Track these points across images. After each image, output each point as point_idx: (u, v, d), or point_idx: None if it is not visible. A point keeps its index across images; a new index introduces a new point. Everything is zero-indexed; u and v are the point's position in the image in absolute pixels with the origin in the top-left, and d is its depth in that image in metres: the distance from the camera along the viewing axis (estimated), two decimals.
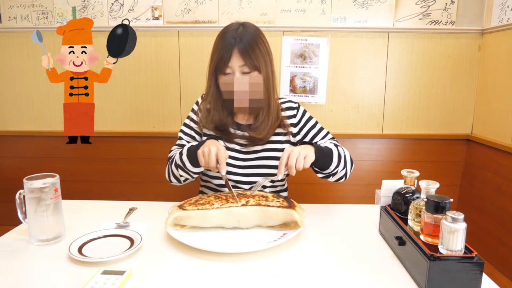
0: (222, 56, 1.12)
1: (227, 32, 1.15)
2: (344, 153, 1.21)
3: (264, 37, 1.19)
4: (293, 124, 1.29)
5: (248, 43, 1.12)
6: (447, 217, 0.71)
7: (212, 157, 1.05)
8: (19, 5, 2.07)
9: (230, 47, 1.12)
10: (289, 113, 1.30)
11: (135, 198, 1.33)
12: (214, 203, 1.01)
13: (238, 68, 1.13)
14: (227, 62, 1.12)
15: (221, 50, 1.13)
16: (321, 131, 1.30)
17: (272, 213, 0.99)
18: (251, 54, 1.12)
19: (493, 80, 1.99)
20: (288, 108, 1.30)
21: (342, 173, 1.20)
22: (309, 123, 1.30)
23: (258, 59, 1.13)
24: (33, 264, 0.86)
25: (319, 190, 2.24)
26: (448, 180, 2.22)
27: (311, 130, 1.29)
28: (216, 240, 0.95)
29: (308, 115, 1.33)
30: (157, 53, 2.11)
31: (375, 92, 2.14)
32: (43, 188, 0.92)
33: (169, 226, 0.97)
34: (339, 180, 1.24)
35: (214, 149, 1.06)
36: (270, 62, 1.18)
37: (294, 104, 1.32)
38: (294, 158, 1.03)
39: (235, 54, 1.12)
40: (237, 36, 1.12)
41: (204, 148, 1.08)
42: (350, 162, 1.24)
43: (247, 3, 2.04)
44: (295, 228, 0.98)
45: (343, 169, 1.20)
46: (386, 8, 2.05)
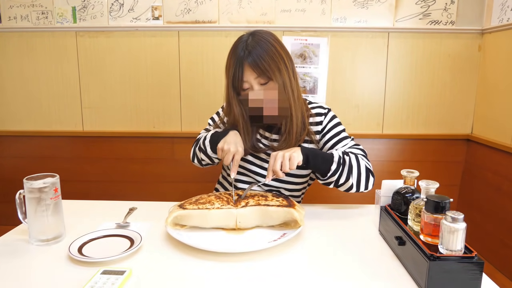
0: (235, 72, 1.10)
1: (237, 45, 1.12)
2: (358, 164, 1.10)
3: (278, 42, 1.13)
4: (318, 131, 1.23)
5: (257, 53, 1.08)
6: (447, 217, 0.71)
7: (229, 156, 1.09)
8: (19, 5, 2.07)
9: (241, 60, 1.09)
10: (317, 119, 1.23)
11: (135, 198, 1.33)
12: (215, 203, 1.01)
13: (254, 81, 1.10)
14: (242, 76, 1.10)
15: (233, 66, 1.10)
16: (343, 141, 1.20)
17: (272, 212, 0.99)
18: (260, 65, 1.07)
19: (493, 80, 1.99)
20: (317, 114, 1.24)
21: (347, 184, 1.10)
22: (333, 130, 1.21)
23: (270, 69, 1.08)
24: (33, 264, 0.86)
25: (319, 191, 2.23)
26: (448, 180, 2.22)
27: (332, 139, 1.20)
28: (216, 240, 0.95)
29: (336, 121, 1.24)
30: (157, 53, 2.11)
31: (375, 92, 2.14)
32: (43, 188, 0.92)
33: (169, 225, 0.97)
34: (349, 191, 1.13)
35: (233, 149, 1.09)
36: (286, 69, 1.11)
37: (323, 110, 1.24)
38: (278, 162, 1.02)
39: (246, 67, 1.09)
40: (245, 49, 1.09)
41: (225, 144, 1.10)
42: (366, 176, 1.11)
43: (247, 3, 2.04)
44: (295, 228, 0.98)
45: (348, 180, 1.09)
46: (386, 8, 2.05)
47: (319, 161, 1.07)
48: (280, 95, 1.11)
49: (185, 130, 2.18)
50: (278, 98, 1.11)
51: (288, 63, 1.13)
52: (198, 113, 2.17)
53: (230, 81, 1.13)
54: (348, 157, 1.10)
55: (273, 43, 1.11)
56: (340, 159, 1.08)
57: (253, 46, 1.09)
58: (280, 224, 1.01)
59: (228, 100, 1.17)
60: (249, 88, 1.12)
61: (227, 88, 1.16)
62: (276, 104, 1.12)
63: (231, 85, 1.14)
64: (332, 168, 1.07)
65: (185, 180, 2.23)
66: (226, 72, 1.16)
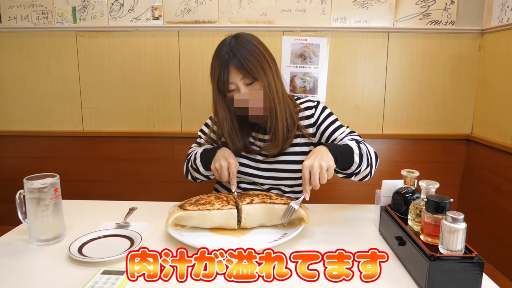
0: (220, 74, 1.11)
1: (221, 48, 1.13)
2: (367, 150, 1.12)
3: (261, 44, 1.15)
4: (311, 124, 1.24)
5: (242, 54, 1.09)
6: (447, 217, 0.71)
7: (224, 172, 1.12)
8: (19, 5, 2.07)
9: (226, 62, 1.10)
10: (307, 113, 1.24)
11: (135, 198, 1.34)
12: (215, 204, 1.01)
13: (240, 82, 1.11)
14: (228, 78, 1.10)
15: (218, 68, 1.11)
16: (340, 128, 1.22)
17: (278, 210, 0.99)
18: (245, 65, 1.08)
19: (493, 80, 1.99)
20: (306, 108, 1.25)
21: (366, 171, 1.12)
22: (327, 120, 1.23)
23: (255, 69, 1.09)
24: (33, 264, 0.86)
25: (319, 190, 2.23)
26: (448, 180, 2.22)
27: (328, 127, 1.22)
28: (218, 240, 0.95)
29: (327, 112, 1.25)
30: (157, 53, 2.11)
31: (375, 92, 2.14)
32: (43, 188, 0.92)
33: (170, 226, 0.97)
34: (363, 180, 1.16)
35: (225, 165, 1.11)
36: (270, 69, 1.13)
37: (312, 103, 1.26)
38: (316, 176, 0.98)
39: (231, 68, 1.10)
40: (230, 51, 1.10)
41: (216, 163, 1.13)
42: (375, 159, 1.15)
43: (247, 3, 2.04)
44: (299, 226, 0.98)
45: (367, 167, 1.11)
46: (386, 8, 2.05)
47: (345, 157, 1.06)
48: (265, 95, 1.12)
49: (185, 130, 2.18)
50: (263, 97, 1.12)
51: (272, 64, 1.15)
52: (198, 113, 2.16)
53: (215, 84, 1.14)
54: (361, 145, 1.11)
55: (257, 44, 1.13)
56: (360, 150, 1.09)
57: (237, 48, 1.10)
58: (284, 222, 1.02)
59: (214, 103, 1.18)
60: (235, 89, 1.13)
61: (213, 91, 1.17)
62: (262, 104, 1.13)
63: (216, 88, 1.15)
64: (356, 161, 1.07)
65: (185, 180, 2.20)
66: (211, 76, 1.16)
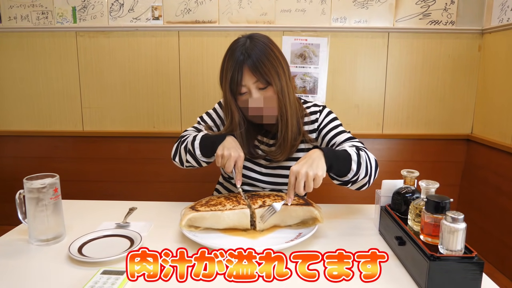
0: (233, 76, 1.06)
1: (235, 48, 1.08)
2: (368, 158, 1.04)
3: (275, 46, 1.11)
4: (315, 129, 1.21)
5: (257, 57, 1.05)
6: (447, 217, 0.71)
7: (231, 163, 1.04)
8: (19, 5, 2.07)
9: (240, 64, 1.05)
10: (312, 117, 1.21)
11: (135, 198, 1.33)
12: (226, 204, 1.01)
13: (252, 85, 1.07)
14: (240, 80, 1.06)
15: (231, 69, 1.07)
16: (341, 134, 1.16)
17: (291, 211, 0.99)
18: (260, 69, 1.05)
19: (493, 80, 1.99)
20: (311, 112, 1.22)
21: (364, 180, 1.04)
22: (330, 125, 1.19)
23: (270, 73, 1.06)
24: (33, 264, 0.86)
25: (318, 190, 2.23)
26: (448, 180, 2.22)
27: (330, 132, 1.17)
28: (232, 241, 0.94)
29: (332, 116, 1.21)
30: (157, 53, 2.11)
31: (375, 92, 2.14)
32: (42, 188, 0.92)
33: (184, 228, 0.96)
34: (360, 189, 1.08)
35: (234, 155, 1.04)
36: (284, 73, 1.09)
37: (318, 108, 1.22)
38: (301, 184, 0.91)
39: (246, 71, 1.05)
40: (245, 52, 1.06)
41: (225, 150, 1.05)
42: (375, 168, 1.07)
43: (247, 3, 2.04)
44: (312, 225, 0.98)
45: (366, 176, 1.03)
46: (386, 8, 2.05)
47: (341, 164, 0.99)
48: (278, 100, 1.09)
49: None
50: (276, 103, 1.09)
51: (286, 67, 1.11)
52: (198, 113, 2.14)
53: (227, 85, 1.10)
54: (361, 152, 1.04)
55: (272, 47, 1.09)
56: (359, 157, 1.01)
57: (252, 49, 1.06)
58: (297, 223, 1.01)
59: (227, 105, 1.14)
60: (246, 92, 1.09)
61: (225, 93, 1.12)
62: (276, 111, 1.11)
63: (228, 90, 1.10)
64: (353, 168, 0.99)
65: (185, 180, 2.22)
66: (222, 76, 1.12)
